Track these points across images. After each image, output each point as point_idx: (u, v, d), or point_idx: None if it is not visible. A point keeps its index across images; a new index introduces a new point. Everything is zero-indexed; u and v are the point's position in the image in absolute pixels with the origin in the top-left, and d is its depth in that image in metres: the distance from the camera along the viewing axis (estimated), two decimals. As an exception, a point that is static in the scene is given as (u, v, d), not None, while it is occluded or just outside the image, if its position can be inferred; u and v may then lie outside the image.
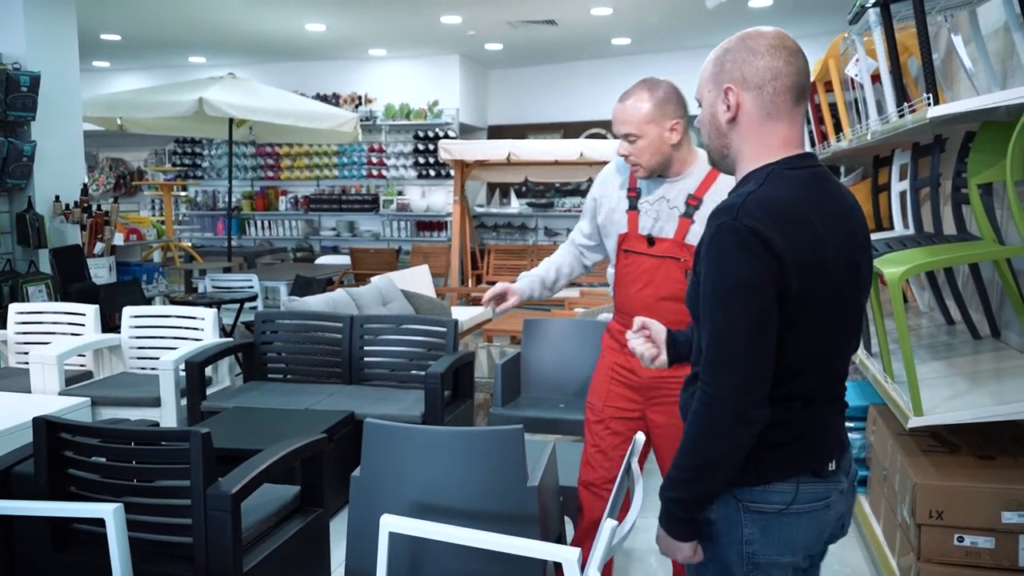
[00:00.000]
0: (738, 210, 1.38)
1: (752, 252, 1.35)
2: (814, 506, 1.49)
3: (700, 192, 2.34)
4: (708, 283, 1.41)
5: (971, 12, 3.01)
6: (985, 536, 2.32)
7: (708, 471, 1.43)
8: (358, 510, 2.27)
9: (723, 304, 1.39)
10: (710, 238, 1.41)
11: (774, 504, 1.47)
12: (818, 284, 1.41)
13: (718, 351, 1.39)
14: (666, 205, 2.36)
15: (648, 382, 2.43)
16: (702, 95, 1.55)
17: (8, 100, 5.17)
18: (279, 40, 9.13)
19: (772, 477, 1.47)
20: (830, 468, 1.50)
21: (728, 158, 1.54)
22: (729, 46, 1.50)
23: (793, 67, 1.45)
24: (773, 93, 1.45)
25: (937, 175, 3.11)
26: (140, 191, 11.44)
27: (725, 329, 1.39)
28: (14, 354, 4.64)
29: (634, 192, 2.42)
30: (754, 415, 1.39)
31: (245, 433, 3.36)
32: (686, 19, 8.00)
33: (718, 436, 1.41)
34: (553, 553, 1.81)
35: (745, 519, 1.48)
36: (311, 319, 4.51)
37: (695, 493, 1.46)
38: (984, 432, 2.68)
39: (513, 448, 2.19)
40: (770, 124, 1.47)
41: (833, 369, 1.51)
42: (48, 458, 2.31)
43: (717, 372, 1.40)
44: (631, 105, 2.30)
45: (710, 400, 1.40)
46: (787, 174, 1.45)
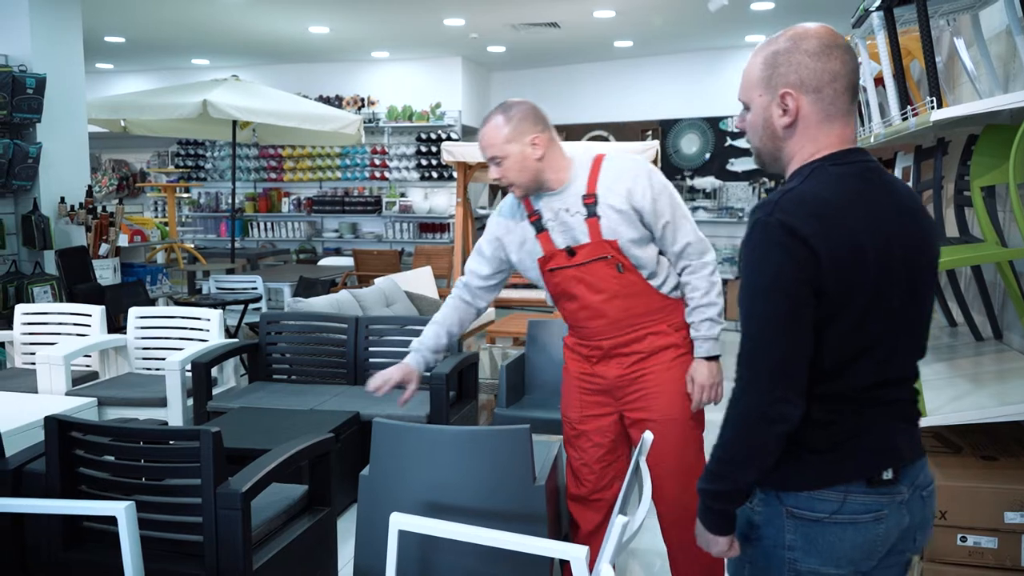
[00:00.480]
0: (774, 206, 1.37)
1: (784, 247, 1.34)
2: (861, 518, 1.42)
3: (592, 188, 2.36)
4: (743, 279, 1.41)
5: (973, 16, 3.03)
6: (988, 536, 2.33)
7: (735, 465, 1.42)
8: (367, 508, 2.30)
9: (754, 299, 1.38)
10: (746, 234, 1.41)
11: (818, 512, 1.43)
12: (859, 281, 1.37)
13: (748, 346, 1.39)
14: (567, 215, 2.38)
15: (614, 382, 2.47)
16: (750, 98, 1.49)
17: (14, 102, 5.19)
18: (282, 42, 9.16)
19: (817, 483, 1.42)
20: (884, 477, 1.43)
21: (780, 161, 1.50)
22: (779, 47, 1.45)
23: (849, 66, 1.42)
24: (833, 95, 1.42)
25: (940, 178, 3.13)
26: (143, 193, 11.46)
27: (755, 324, 1.38)
28: (20, 355, 4.66)
29: (535, 216, 2.43)
30: (780, 411, 1.36)
31: (251, 433, 3.38)
32: (688, 22, 8.02)
33: (743, 432, 1.40)
34: (561, 551, 1.83)
35: (788, 524, 1.45)
36: (316, 320, 4.54)
37: (725, 486, 1.45)
38: (987, 433, 2.69)
39: (521, 447, 2.21)
40: (827, 125, 1.44)
41: (887, 372, 1.45)
42: (59, 457, 2.33)
43: (745, 367, 1.39)
44: (489, 129, 2.36)
45: (739, 394, 1.40)
46: (831, 170, 1.42)
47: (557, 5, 7.37)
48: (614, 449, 2.55)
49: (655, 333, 2.41)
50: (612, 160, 2.40)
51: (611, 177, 2.35)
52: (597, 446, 2.53)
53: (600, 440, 2.53)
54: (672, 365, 2.42)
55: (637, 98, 9.91)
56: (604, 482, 2.55)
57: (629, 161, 2.39)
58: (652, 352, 2.42)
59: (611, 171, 2.36)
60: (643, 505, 1.74)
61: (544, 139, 2.35)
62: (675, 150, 9.78)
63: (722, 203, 9.50)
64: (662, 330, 2.42)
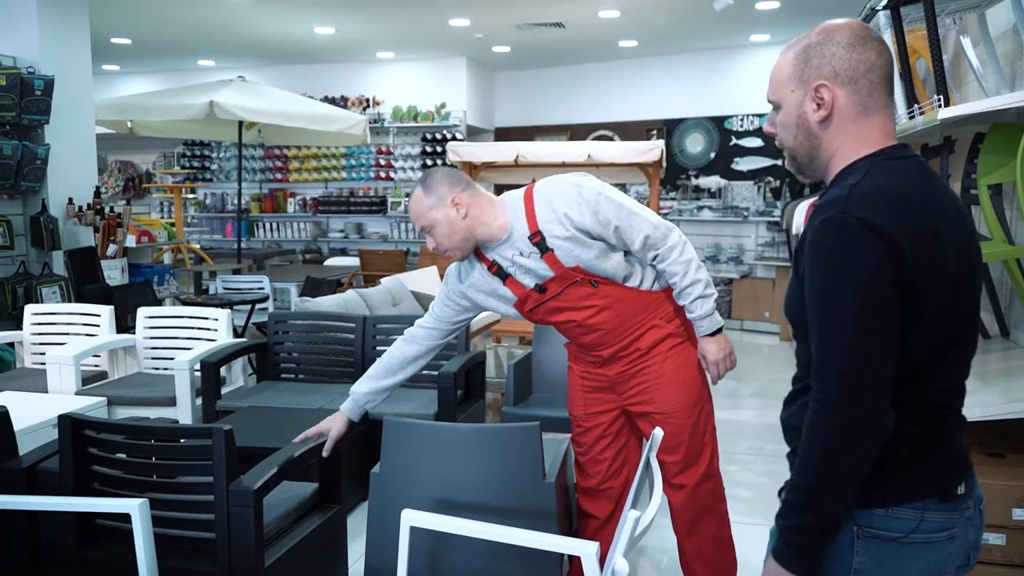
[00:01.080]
0: (846, 202, 1.28)
1: (866, 244, 1.25)
2: (937, 537, 1.33)
3: (533, 226, 2.35)
4: (815, 284, 1.30)
5: (980, 14, 3.04)
6: (996, 533, 2.34)
7: (828, 492, 1.29)
8: (378, 506, 2.31)
9: (833, 303, 1.27)
10: (814, 234, 1.30)
11: (894, 531, 1.32)
12: (939, 278, 1.29)
13: (829, 357, 1.28)
14: (523, 259, 2.38)
15: (616, 377, 2.51)
16: (782, 95, 1.43)
17: (23, 103, 5.22)
18: (288, 43, 9.19)
19: (896, 499, 1.32)
20: (959, 492, 1.35)
21: (818, 160, 1.43)
22: (810, 41, 1.38)
23: (884, 57, 1.36)
24: (869, 86, 1.36)
25: (946, 176, 3.14)
26: (149, 194, 11.50)
27: (836, 331, 1.27)
28: (30, 355, 4.69)
29: (495, 267, 2.43)
30: (876, 423, 1.26)
31: (261, 432, 3.40)
32: (693, 21, 8.03)
33: (836, 450, 1.26)
34: (572, 547, 1.84)
35: (859, 545, 1.33)
36: (324, 320, 4.55)
37: (817, 518, 1.30)
38: (994, 430, 2.70)
39: (530, 444, 2.23)
40: (866, 119, 1.37)
41: (962, 372, 1.39)
42: (73, 455, 2.35)
43: (829, 380, 1.28)
44: (413, 203, 2.38)
45: (824, 410, 1.28)
46: (889, 164, 1.35)
47: (562, 5, 7.38)
48: (620, 439, 2.60)
49: (650, 328, 2.44)
50: (540, 190, 2.39)
51: (545, 207, 2.34)
52: (602, 438, 2.59)
53: (605, 433, 2.59)
54: (669, 355, 2.45)
55: (642, 98, 9.91)
56: (612, 470, 2.60)
57: (555, 185, 2.38)
58: (650, 347, 2.45)
59: (543, 201, 2.35)
60: (654, 501, 1.75)
61: (464, 198, 2.35)
62: (680, 149, 9.78)
63: (727, 202, 9.50)
64: (656, 324, 2.45)
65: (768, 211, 9.19)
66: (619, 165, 6.42)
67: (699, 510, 2.49)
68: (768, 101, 1.46)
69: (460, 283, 2.52)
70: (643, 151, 6.06)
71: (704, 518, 2.50)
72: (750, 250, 9.31)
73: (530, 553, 2.00)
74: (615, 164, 6.35)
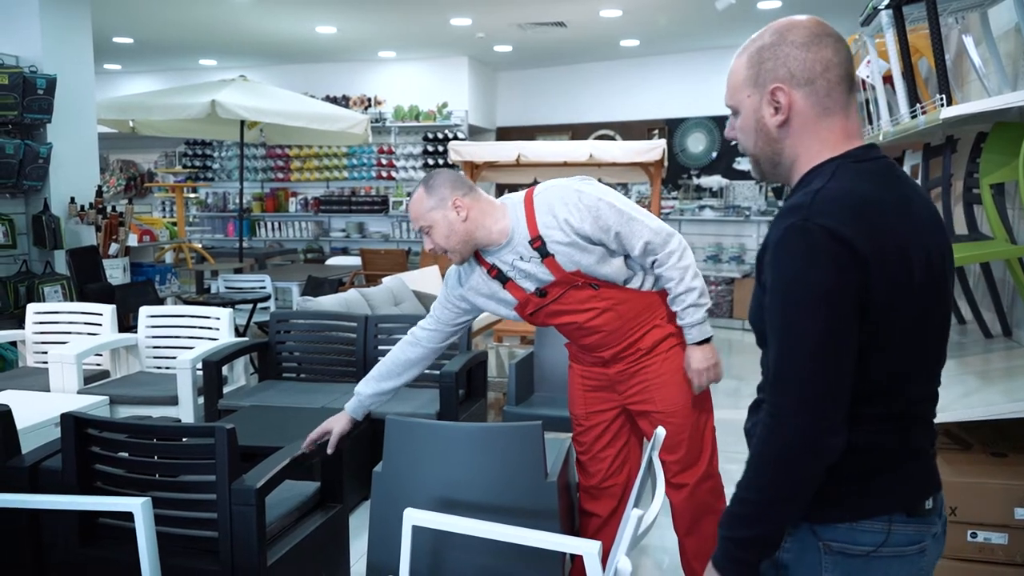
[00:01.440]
0: (809, 208, 1.22)
1: (828, 254, 1.19)
2: (907, 551, 1.29)
3: (533, 231, 2.35)
4: (775, 293, 1.25)
5: (982, 14, 3.04)
6: (998, 532, 2.34)
7: (773, 507, 1.26)
8: (380, 504, 2.31)
9: (792, 316, 1.23)
10: (776, 242, 1.25)
11: (862, 546, 1.28)
12: (906, 287, 1.24)
13: (786, 369, 1.24)
14: (523, 263, 2.38)
15: (616, 376, 2.52)
16: (739, 101, 1.38)
17: (25, 103, 5.22)
18: (289, 42, 9.19)
19: (861, 513, 1.28)
20: (926, 506, 1.31)
21: (781, 165, 1.37)
22: (763, 43, 1.33)
23: (841, 55, 1.30)
24: (827, 86, 1.30)
25: (949, 175, 3.14)
26: (151, 193, 11.51)
27: (794, 344, 1.23)
28: (32, 353, 4.70)
29: (495, 271, 2.42)
30: (827, 442, 1.22)
31: (263, 431, 3.40)
32: (695, 21, 8.02)
33: (784, 467, 1.23)
34: (574, 546, 1.84)
35: (826, 562, 1.29)
36: (326, 319, 4.56)
37: (758, 532, 1.27)
38: (997, 429, 2.70)
39: (532, 444, 2.23)
40: (826, 119, 1.31)
41: (929, 385, 1.34)
42: (75, 454, 2.35)
43: (784, 393, 1.24)
44: (414, 203, 2.38)
45: (776, 425, 1.24)
46: (857, 167, 1.29)
47: (563, 4, 7.38)
48: (620, 438, 2.61)
49: (651, 328, 2.45)
50: (541, 195, 2.38)
51: (545, 212, 2.34)
52: (602, 437, 2.60)
53: (606, 431, 2.59)
54: (670, 355, 2.45)
55: (643, 97, 9.91)
56: (613, 468, 2.60)
57: (555, 190, 2.37)
58: (652, 347, 2.45)
59: (543, 207, 2.34)
60: (657, 500, 1.75)
61: (466, 202, 2.34)
62: (681, 149, 9.78)
63: (729, 202, 9.49)
64: (657, 324, 2.45)
65: (770, 211, 9.18)
66: (621, 165, 6.42)
67: (699, 509, 2.49)
68: (727, 106, 1.42)
69: (460, 286, 2.51)
70: (645, 151, 6.06)
71: (704, 517, 2.49)
72: (751, 250, 9.31)
73: (532, 552, 2.00)
74: (617, 164, 6.34)
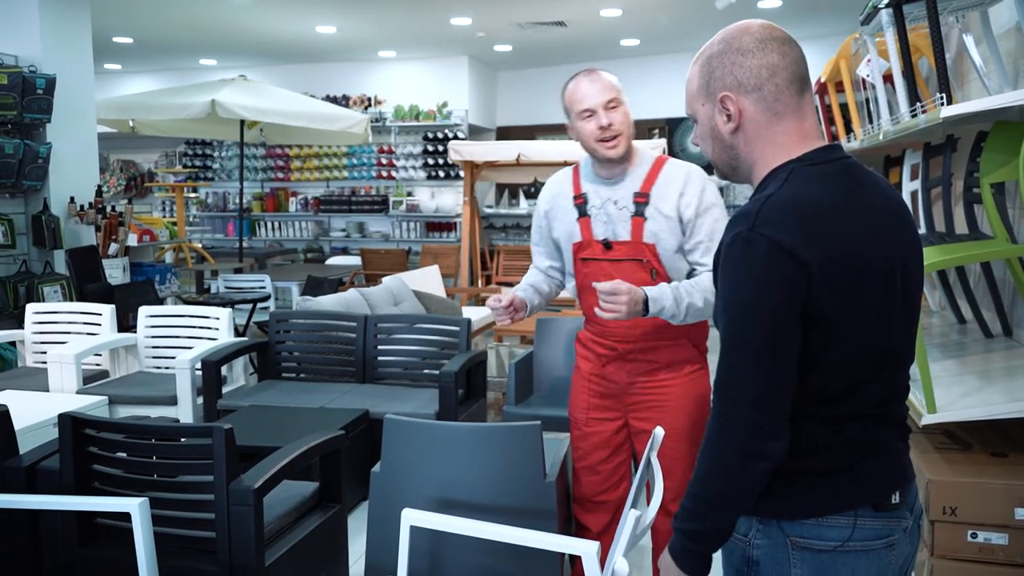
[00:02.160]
0: (756, 217, 1.24)
1: (769, 266, 1.21)
2: (874, 544, 1.30)
3: (646, 187, 2.31)
4: (720, 300, 1.29)
5: (983, 13, 3.03)
6: (998, 532, 2.33)
7: (717, 505, 1.30)
8: (378, 505, 2.31)
9: (734, 324, 1.25)
10: (725, 249, 1.27)
11: (828, 541, 1.29)
12: (859, 291, 1.25)
13: (728, 376, 1.26)
14: (615, 207, 2.33)
15: (623, 387, 2.42)
16: (694, 110, 1.41)
17: (24, 102, 5.22)
18: (289, 42, 9.19)
19: (825, 509, 1.29)
20: (893, 501, 1.32)
21: (739, 169, 1.40)
22: (712, 51, 1.36)
23: (789, 58, 1.32)
24: (775, 91, 1.31)
25: (949, 175, 3.13)
26: (151, 193, 11.51)
27: (735, 352, 1.25)
28: (31, 353, 4.69)
29: (581, 199, 2.37)
30: (765, 448, 1.24)
31: (262, 431, 3.40)
32: (695, 20, 8.02)
33: (725, 470, 1.27)
34: (572, 546, 1.84)
35: (794, 558, 1.31)
36: (325, 319, 4.55)
37: (707, 527, 1.32)
38: (997, 429, 2.69)
39: (531, 444, 2.22)
40: (778, 124, 1.33)
41: (892, 385, 1.34)
42: (73, 454, 2.35)
43: (725, 400, 1.27)
44: (607, 76, 2.38)
45: (717, 429, 1.28)
46: (811, 171, 1.30)
47: (564, 4, 7.38)
48: (620, 454, 2.50)
49: (674, 346, 2.37)
50: (673, 165, 2.35)
51: (666, 181, 2.31)
52: (600, 448, 2.48)
53: (603, 443, 2.48)
54: (686, 380, 2.38)
55: (644, 97, 9.88)
56: (607, 485, 2.50)
57: (687, 168, 2.34)
58: (667, 364, 2.37)
59: (668, 175, 2.31)
60: (655, 500, 1.74)
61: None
62: (682, 148, 9.77)
63: (729, 201, 9.48)
64: (682, 344, 2.38)
65: (770, 210, 9.18)
66: (621, 164, 6.40)
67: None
68: (687, 115, 1.45)
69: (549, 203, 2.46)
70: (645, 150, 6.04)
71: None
72: (752, 249, 9.30)
73: (530, 552, 1.99)
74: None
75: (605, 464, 2.49)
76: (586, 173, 2.42)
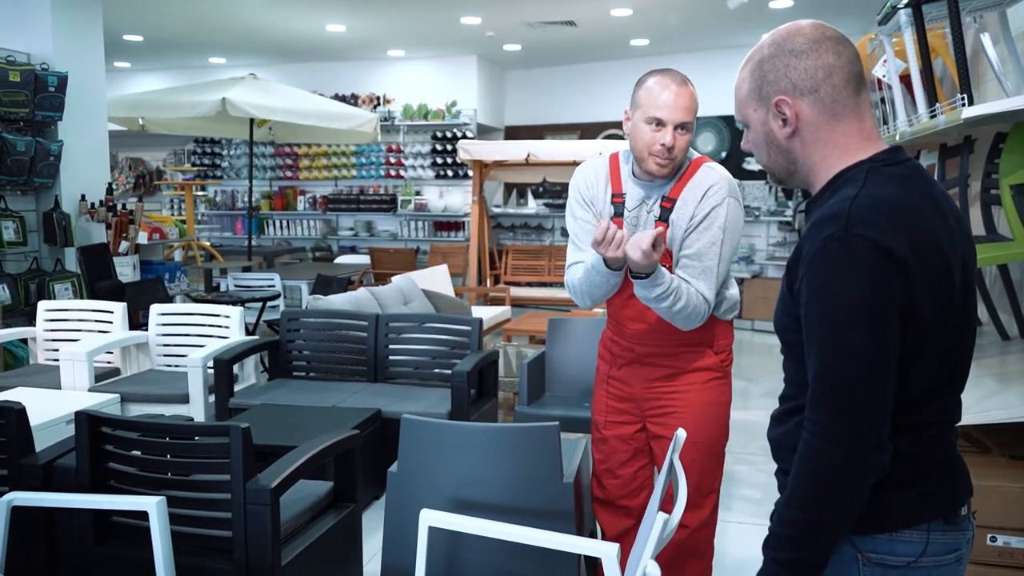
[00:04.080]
0: (847, 218, 1.19)
1: (870, 266, 1.16)
2: (945, 559, 1.27)
3: (675, 193, 2.27)
4: (814, 307, 1.21)
5: (1001, 13, 3.01)
6: (1018, 536, 2.32)
7: (819, 527, 1.22)
8: (395, 505, 2.30)
9: (834, 330, 1.19)
10: (815, 253, 1.21)
11: (901, 556, 1.25)
12: (949, 291, 1.22)
13: (827, 385, 1.20)
14: (644, 211, 2.31)
15: (641, 392, 2.40)
16: (746, 115, 1.38)
17: (36, 100, 5.23)
18: (299, 41, 9.19)
19: (899, 523, 1.25)
20: (962, 512, 1.29)
21: (796, 173, 1.36)
22: (763, 55, 1.32)
23: (844, 57, 1.28)
24: (832, 92, 1.28)
25: (966, 176, 3.11)
26: (159, 191, 11.53)
27: (839, 361, 1.19)
28: (43, 351, 4.70)
29: (620, 199, 2.33)
30: (876, 460, 1.19)
31: (274, 429, 3.40)
32: (706, 20, 8.00)
33: (833, 487, 1.20)
34: (592, 548, 1.83)
35: (864, 573, 1.27)
36: (336, 318, 4.55)
37: (806, 555, 1.24)
38: (1015, 432, 2.67)
39: (549, 444, 2.21)
40: (838, 125, 1.30)
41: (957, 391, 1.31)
42: (89, 452, 2.35)
43: (829, 412, 1.20)
44: (692, 93, 2.26)
45: (821, 444, 1.20)
46: (887, 171, 1.26)
47: (574, 3, 7.36)
48: (641, 458, 2.47)
49: (692, 352, 2.34)
50: (706, 170, 2.30)
51: (695, 185, 2.26)
52: (620, 452, 2.47)
53: (623, 447, 2.46)
54: (703, 388, 2.34)
55: (653, 96, 9.87)
56: (628, 490, 2.48)
57: (718, 177, 2.28)
58: (684, 371, 2.35)
59: (698, 180, 2.27)
60: (680, 502, 1.73)
61: None
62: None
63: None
64: (700, 350, 2.35)
65: (779, 211, 9.15)
66: (631, 164, 6.39)
67: (688, 552, 2.38)
68: (737, 121, 1.42)
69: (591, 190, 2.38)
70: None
71: (691, 561, 2.39)
72: (761, 250, 9.28)
73: (547, 553, 1.98)
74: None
75: (625, 468, 2.47)
76: (626, 170, 2.36)
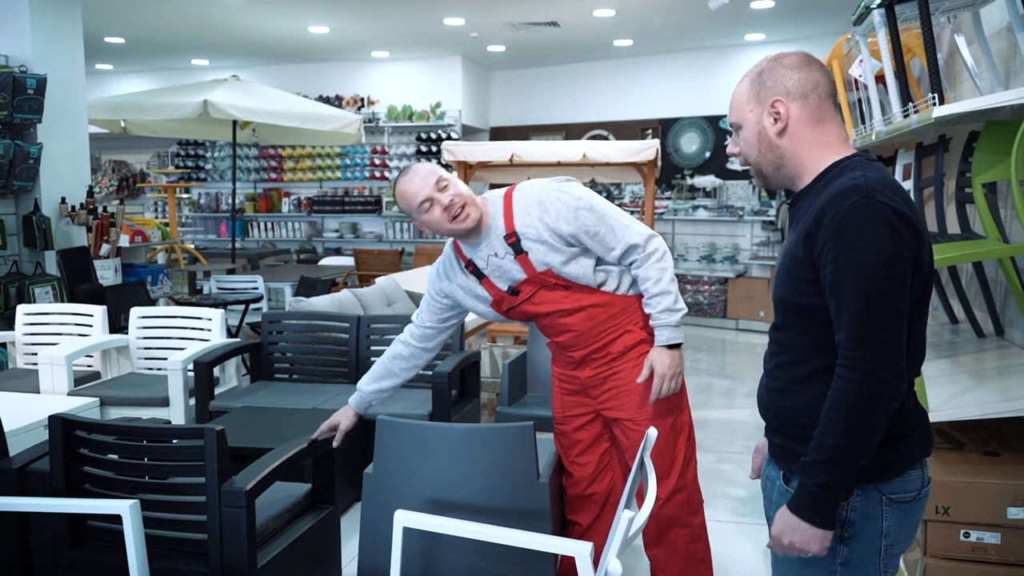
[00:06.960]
0: (867, 189, 1.42)
1: (893, 227, 1.40)
2: (928, 490, 1.56)
3: (509, 226, 2.37)
4: (848, 263, 1.42)
5: (974, 13, 3.04)
6: (991, 532, 2.34)
7: (856, 451, 1.44)
8: (371, 506, 2.30)
9: (870, 281, 1.41)
10: (842, 218, 1.42)
11: (910, 491, 1.53)
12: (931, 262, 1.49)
13: (865, 328, 1.41)
14: (497, 260, 2.39)
15: (588, 381, 2.51)
16: (742, 117, 1.60)
17: (15, 102, 5.19)
18: (282, 42, 9.16)
19: (906, 465, 1.52)
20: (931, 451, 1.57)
21: (784, 167, 1.59)
22: (762, 67, 1.59)
23: (827, 78, 1.57)
24: (818, 100, 1.55)
25: (941, 175, 3.14)
26: (143, 193, 11.46)
27: (873, 303, 1.41)
28: (22, 355, 4.67)
29: (471, 266, 2.45)
30: (900, 388, 1.44)
31: (254, 432, 3.38)
32: (688, 21, 8.02)
33: (865, 413, 1.42)
34: (565, 547, 1.83)
35: (887, 512, 1.52)
36: (318, 319, 4.54)
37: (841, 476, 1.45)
38: (989, 429, 2.70)
39: (524, 444, 2.22)
40: (821, 127, 1.56)
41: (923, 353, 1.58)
42: (63, 456, 2.33)
43: (870, 349, 1.41)
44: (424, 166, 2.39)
45: (860, 376, 1.41)
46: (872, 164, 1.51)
47: (557, 4, 7.38)
48: (600, 445, 2.58)
49: (624, 333, 2.43)
50: (521, 192, 2.41)
51: (522, 210, 2.36)
52: (579, 442, 2.58)
53: (583, 437, 2.57)
54: (640, 362, 2.41)
55: (637, 97, 9.91)
56: (594, 476, 2.58)
57: (535, 188, 2.39)
58: (623, 352, 2.43)
59: (522, 204, 2.37)
60: (648, 500, 1.74)
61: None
62: (675, 149, 9.78)
63: (722, 202, 9.50)
64: (629, 329, 2.43)
65: (763, 211, 9.19)
66: (614, 165, 6.41)
67: (666, 522, 2.45)
68: (730, 124, 1.65)
69: (440, 281, 2.53)
70: (638, 150, 6.05)
71: (671, 530, 2.46)
72: (745, 249, 9.32)
73: (523, 552, 1.99)
74: (610, 164, 6.33)
75: (585, 456, 2.58)
76: (465, 246, 2.47)
